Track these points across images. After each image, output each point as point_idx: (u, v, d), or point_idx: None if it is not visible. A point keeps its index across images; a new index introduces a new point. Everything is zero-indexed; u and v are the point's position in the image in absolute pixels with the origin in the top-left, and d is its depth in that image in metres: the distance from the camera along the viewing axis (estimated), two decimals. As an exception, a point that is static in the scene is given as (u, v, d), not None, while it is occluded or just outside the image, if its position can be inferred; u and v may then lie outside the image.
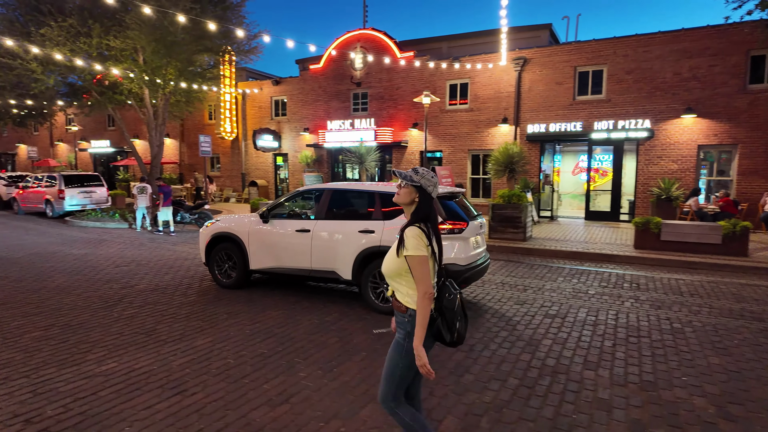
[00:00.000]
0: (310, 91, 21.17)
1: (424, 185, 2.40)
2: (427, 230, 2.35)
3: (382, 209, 5.78)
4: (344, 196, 6.28)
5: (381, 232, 5.64)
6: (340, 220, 6.03)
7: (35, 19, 13.82)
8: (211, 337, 4.79)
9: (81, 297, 6.24)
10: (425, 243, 2.31)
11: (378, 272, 5.71)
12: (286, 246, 6.28)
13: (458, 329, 2.40)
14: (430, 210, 2.41)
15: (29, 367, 4.02)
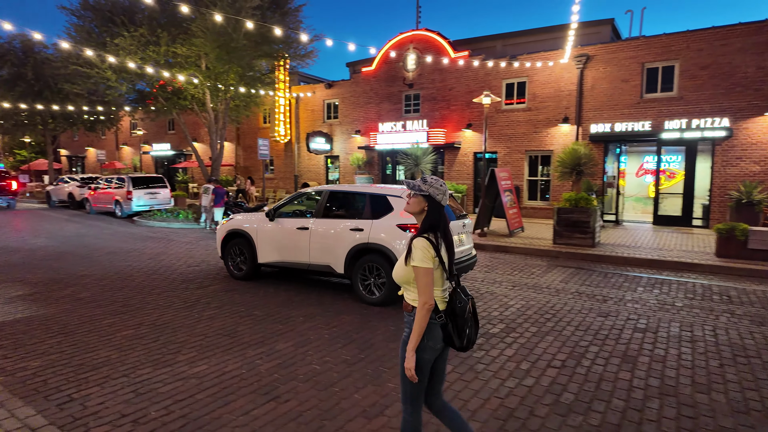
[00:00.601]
0: (362, 94, 21.27)
1: (433, 194, 2.43)
2: (435, 241, 2.39)
3: (372, 209, 6.30)
4: (339, 196, 6.90)
5: (369, 230, 6.14)
6: (334, 219, 6.61)
7: (109, 30, 14.64)
8: (292, 341, 4.79)
9: (161, 296, 6.46)
10: (431, 255, 2.35)
11: (367, 266, 6.19)
12: (288, 242, 6.87)
13: (468, 335, 2.45)
14: (440, 218, 2.44)
15: (126, 366, 4.15)
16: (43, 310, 5.73)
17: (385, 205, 6.23)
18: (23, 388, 3.69)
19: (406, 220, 5.91)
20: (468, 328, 2.45)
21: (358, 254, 6.26)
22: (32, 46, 24.14)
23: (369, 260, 6.16)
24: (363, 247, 6.17)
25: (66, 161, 38.97)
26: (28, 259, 9.03)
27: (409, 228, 5.88)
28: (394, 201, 6.19)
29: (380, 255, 6.07)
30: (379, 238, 6.05)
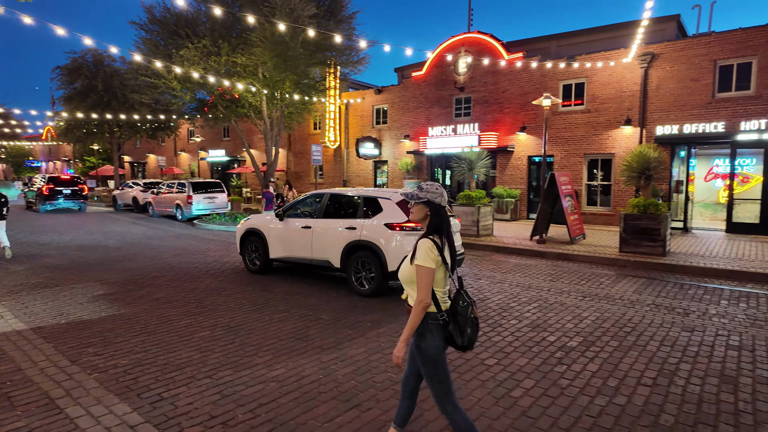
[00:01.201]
0: (411, 99, 21.24)
1: (431, 198, 2.57)
2: (440, 242, 2.52)
3: (364, 209, 6.97)
4: (337, 199, 7.58)
5: (361, 229, 6.80)
6: (332, 218, 7.30)
7: (174, 42, 15.39)
8: (364, 348, 4.76)
9: (231, 298, 6.63)
10: (435, 255, 2.47)
11: (359, 261, 6.83)
12: (294, 239, 7.66)
13: (469, 335, 2.56)
14: (442, 221, 2.57)
15: (208, 367, 4.25)
16: (124, 310, 6.02)
17: (375, 206, 6.88)
18: (117, 385, 3.85)
19: (394, 219, 6.53)
20: (470, 329, 2.56)
21: (352, 250, 6.91)
22: (102, 60, 25.84)
23: (361, 256, 6.81)
24: (356, 243, 6.83)
25: (129, 167, 41.37)
26: (103, 259, 9.57)
27: (395, 227, 6.47)
28: (383, 203, 6.82)
29: (370, 251, 6.71)
30: (369, 236, 6.70)
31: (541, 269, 9.02)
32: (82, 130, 27.85)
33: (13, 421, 3.28)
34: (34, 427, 3.20)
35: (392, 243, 6.47)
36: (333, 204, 7.55)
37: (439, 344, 2.52)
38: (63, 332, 5.15)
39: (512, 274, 8.51)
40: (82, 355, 4.50)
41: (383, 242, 6.53)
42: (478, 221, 12.33)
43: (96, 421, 3.29)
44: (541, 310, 6.23)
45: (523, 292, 7.20)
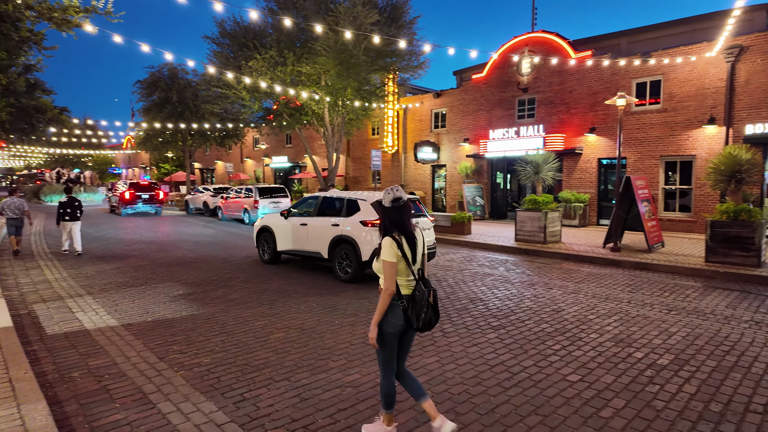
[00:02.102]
0: (471, 101, 20.90)
1: (383, 201, 3.00)
2: (398, 239, 2.92)
3: (347, 210, 8.17)
4: (327, 201, 8.77)
5: (343, 225, 8.07)
6: (323, 217, 8.57)
7: (244, 54, 16.15)
8: (437, 357, 4.66)
9: (301, 300, 6.77)
10: (395, 250, 2.89)
11: (342, 252, 8.05)
12: (294, 235, 9.06)
13: (424, 319, 2.95)
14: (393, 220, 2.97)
15: (285, 369, 4.33)
16: (203, 309, 6.31)
17: (355, 206, 8.10)
18: (202, 384, 4.02)
19: (368, 217, 7.64)
20: (424, 313, 2.94)
21: (336, 243, 8.17)
22: (177, 73, 27.67)
23: (343, 248, 8.05)
24: (338, 238, 8.11)
25: (199, 173, 43.93)
26: (181, 260, 10.14)
27: (368, 223, 7.54)
28: (361, 203, 8.03)
29: (349, 244, 7.92)
30: (348, 231, 7.97)
31: (617, 279, 8.48)
32: (158, 139, 29.94)
33: (113, 413, 3.50)
34: (132, 420, 3.39)
35: (365, 236, 7.65)
36: (325, 205, 8.77)
37: (396, 323, 2.95)
38: (150, 329, 5.48)
39: (586, 284, 8.06)
40: (169, 352, 4.74)
41: (357, 236, 7.77)
42: (545, 227, 11.84)
43: (186, 417, 3.43)
44: (622, 323, 5.83)
45: (600, 303, 6.79)
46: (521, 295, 7.21)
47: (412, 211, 3.06)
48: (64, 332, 5.37)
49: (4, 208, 10.47)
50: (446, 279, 8.38)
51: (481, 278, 8.48)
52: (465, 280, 8.33)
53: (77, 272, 8.88)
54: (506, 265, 9.84)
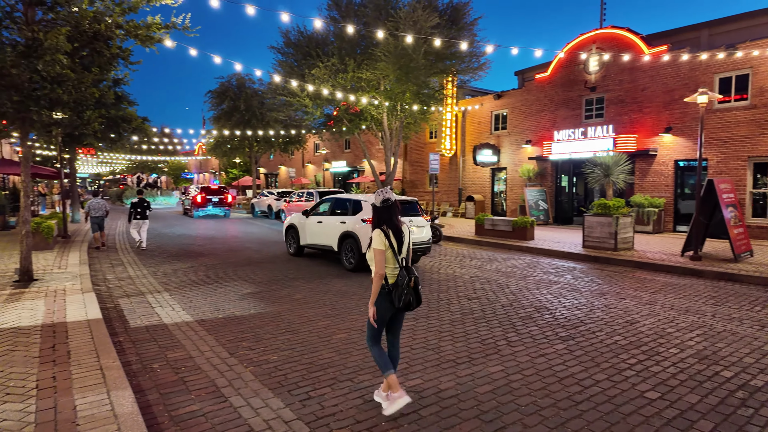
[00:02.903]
0: (534, 102, 20.23)
1: (374, 202, 3.64)
2: (386, 231, 3.51)
3: (353, 209, 9.54)
4: (338, 201, 10.21)
5: (349, 223, 9.43)
6: (334, 216, 10.00)
7: (307, 63, 16.69)
8: (501, 366, 4.52)
9: (361, 302, 6.84)
10: (383, 240, 3.47)
11: (348, 245, 9.38)
12: (313, 231, 10.59)
13: (404, 300, 3.46)
14: (383, 217, 3.56)
15: (348, 369, 4.39)
16: (270, 308, 6.55)
17: (359, 206, 9.40)
18: (270, 380, 4.16)
19: (368, 216, 8.53)
20: (405, 295, 3.46)
21: (343, 238, 9.53)
22: (244, 83, 29.11)
23: (348, 242, 9.37)
24: (345, 233, 9.46)
25: (264, 178, 45.91)
26: (248, 261, 10.62)
27: (368, 221, 8.41)
28: (364, 204, 9.31)
29: (352, 238, 9.19)
30: (352, 228, 9.26)
31: (698, 290, 7.82)
32: (227, 146, 31.63)
33: (190, 404, 3.71)
34: (207, 412, 3.57)
35: (364, 232, 8.84)
36: (336, 205, 10.18)
37: (381, 304, 3.51)
38: (221, 326, 5.76)
39: (663, 295, 7.50)
40: (238, 348, 4.96)
41: (358, 231, 9.04)
42: (615, 233, 11.17)
43: (255, 412, 3.56)
44: (706, 338, 5.36)
45: (680, 316, 6.28)
46: (591, 305, 6.84)
47: (399, 210, 3.64)
48: (145, 325, 5.79)
49: (91, 207, 12.26)
50: (509, 286, 8.14)
51: (546, 286, 8.15)
52: (529, 287, 8.05)
53: (156, 270, 9.55)
54: (573, 273, 9.39)
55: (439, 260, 10.91)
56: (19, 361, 4.18)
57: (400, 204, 8.83)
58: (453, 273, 9.29)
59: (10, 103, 6.99)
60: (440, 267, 9.97)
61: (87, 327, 5.21)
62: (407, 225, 3.68)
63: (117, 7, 7.59)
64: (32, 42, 6.68)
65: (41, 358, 4.27)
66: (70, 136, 12.31)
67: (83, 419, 3.15)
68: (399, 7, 15.35)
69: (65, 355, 4.34)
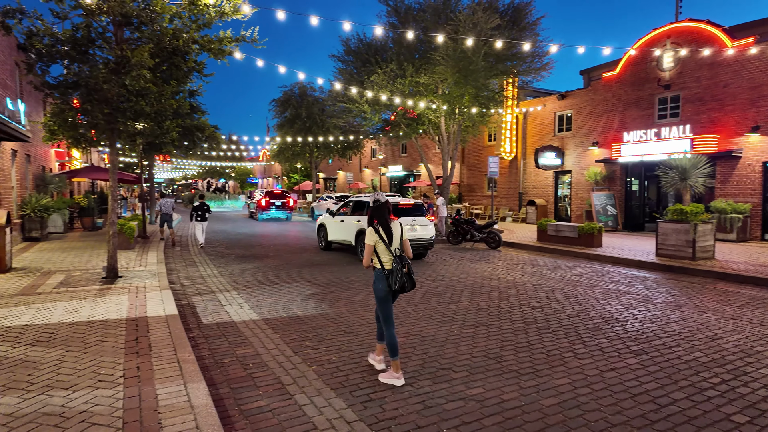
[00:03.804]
0: (601, 102, 19.27)
1: (371, 203, 4.38)
2: (376, 227, 4.21)
3: (367, 209, 10.51)
4: (357, 203, 12.02)
5: (363, 221, 10.89)
6: (353, 215, 11.76)
7: (366, 69, 16.97)
8: (568, 378, 4.33)
9: (419, 308, 6.84)
10: (372, 236, 4.20)
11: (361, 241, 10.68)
12: (336, 228, 12.43)
13: (399, 283, 4.12)
14: (375, 214, 4.28)
15: (408, 374, 4.39)
16: (330, 309, 6.71)
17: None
18: (332, 380, 4.26)
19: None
20: (399, 279, 4.10)
21: (358, 234, 11.26)
22: (306, 91, 30.12)
23: (361, 238, 10.81)
24: (360, 230, 11.16)
25: (323, 182, 47.18)
26: (309, 263, 10.95)
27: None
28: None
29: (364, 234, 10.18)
30: (364, 225, 10.35)
31: (794, 306, 7.06)
32: (289, 152, 32.86)
33: (257, 399, 3.88)
34: (273, 408, 3.72)
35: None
36: (356, 206, 11.96)
37: (382, 288, 4.21)
38: (286, 325, 5.98)
39: (750, 310, 6.85)
40: (302, 347, 5.13)
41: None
42: (694, 241, 10.35)
43: (319, 411, 3.66)
44: (805, 360, 4.82)
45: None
46: (666, 318, 6.39)
47: (389, 210, 4.32)
48: (216, 322, 6.13)
49: (160, 206, 14.55)
50: (574, 295, 7.79)
51: (615, 296, 7.72)
52: (597, 297, 7.65)
53: (225, 270, 10.09)
54: (645, 283, 8.82)
55: (498, 267, 10.65)
56: (108, 351, 4.58)
57: (408, 206, 11.38)
58: (514, 280, 9.03)
59: (101, 115, 7.71)
60: (500, 274, 9.73)
61: (165, 322, 5.60)
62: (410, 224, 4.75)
63: (193, 24, 8.15)
64: (121, 59, 7.33)
65: (126, 349, 4.65)
66: (150, 144, 13.35)
67: (164, 408, 3.39)
68: (458, 10, 15.22)
69: (147, 347, 4.70)
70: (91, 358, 4.40)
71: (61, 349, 4.63)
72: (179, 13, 8.04)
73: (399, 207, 11.31)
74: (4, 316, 5.75)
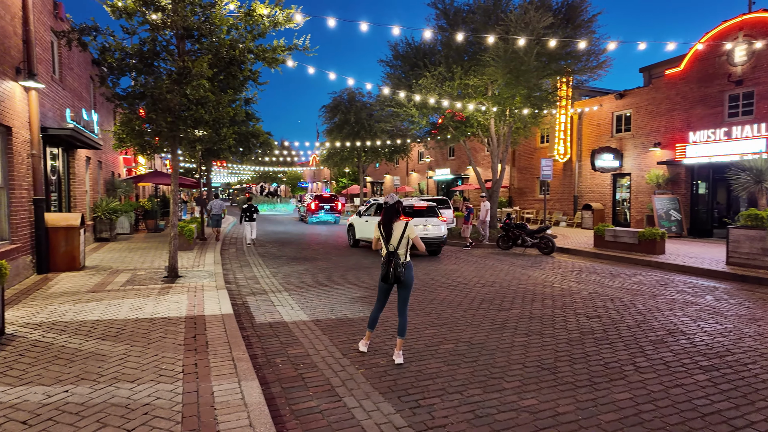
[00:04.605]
0: (664, 100, 18.19)
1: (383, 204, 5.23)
2: (379, 225, 4.93)
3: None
4: (378, 205, 13.41)
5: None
6: (376, 216, 12.87)
7: (414, 73, 16.97)
8: (629, 394, 4.08)
9: (468, 314, 6.71)
10: (377, 231, 4.96)
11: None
12: (362, 228, 13.87)
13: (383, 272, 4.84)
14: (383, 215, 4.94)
15: (457, 382, 4.31)
16: (378, 313, 6.71)
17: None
18: (380, 384, 4.25)
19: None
20: (384, 270, 4.80)
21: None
22: (354, 96, 30.55)
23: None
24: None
25: (370, 186, 47.60)
26: (357, 266, 11.05)
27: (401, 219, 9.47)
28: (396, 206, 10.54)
29: None
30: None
31: None
32: (337, 157, 33.43)
33: (308, 400, 3.94)
34: (323, 409, 3.76)
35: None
36: (377, 207, 13.46)
37: (381, 273, 4.87)
38: (334, 326, 6.05)
39: (841, 326, 6.18)
40: (350, 350, 5.16)
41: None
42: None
43: (367, 415, 3.66)
44: None
45: None
46: (739, 332, 5.89)
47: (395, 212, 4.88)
48: (268, 322, 6.31)
49: (212, 206, 16.11)
50: (635, 305, 7.36)
51: (681, 307, 7.22)
52: (660, 307, 7.19)
53: (277, 271, 10.38)
54: (715, 294, 8.19)
55: (552, 273, 10.27)
56: (169, 347, 4.82)
57: (422, 208, 12.54)
58: (569, 288, 8.67)
59: (164, 123, 8.17)
60: (554, 281, 9.38)
61: (221, 320, 5.83)
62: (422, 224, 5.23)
63: (249, 34, 8.48)
64: (182, 70, 7.74)
65: (185, 346, 4.87)
66: (208, 150, 14.03)
67: (219, 404, 3.51)
68: (509, 10, 14.90)
69: (204, 344, 4.90)
70: (153, 353, 4.64)
71: (127, 343, 4.92)
72: (236, 24, 8.39)
73: (414, 209, 12.56)
74: (78, 311, 6.20)
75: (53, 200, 10.81)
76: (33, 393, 3.69)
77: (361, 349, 5.05)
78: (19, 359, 4.44)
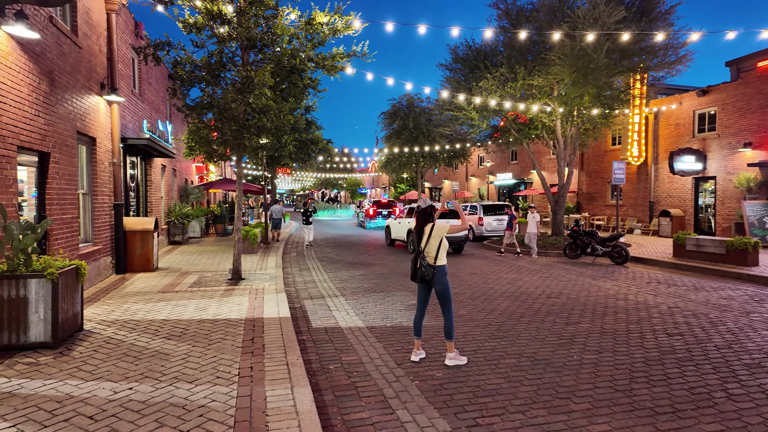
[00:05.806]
0: (755, 96, 16.42)
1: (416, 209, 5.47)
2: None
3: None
4: (411, 209, 15.65)
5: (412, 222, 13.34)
6: (407, 218, 15.36)
7: (474, 76, 16.57)
8: (721, 425, 3.58)
9: (531, 326, 6.31)
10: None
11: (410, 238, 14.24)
12: (395, 228, 16.37)
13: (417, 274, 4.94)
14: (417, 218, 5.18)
15: (519, 400, 4.00)
16: (433, 322, 6.50)
17: None
18: (435, 398, 4.04)
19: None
20: (412, 268, 5.03)
21: (408, 233, 14.63)
22: (413, 102, 30.47)
23: (410, 236, 14.05)
24: (408, 230, 14.43)
25: (428, 192, 47.23)
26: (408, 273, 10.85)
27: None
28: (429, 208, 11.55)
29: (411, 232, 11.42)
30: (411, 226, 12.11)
31: None
32: (396, 162, 33.47)
33: (360, 411, 3.82)
34: (375, 422, 3.62)
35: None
36: (410, 211, 15.50)
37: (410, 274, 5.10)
38: (389, 334, 5.92)
39: None
40: (405, 359, 5.00)
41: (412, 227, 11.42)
42: None
43: (421, 431, 3.47)
44: None
45: None
46: None
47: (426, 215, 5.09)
48: (324, 327, 6.30)
49: (273, 211, 17.37)
50: (724, 322, 6.58)
51: (781, 326, 6.35)
52: (754, 326, 6.37)
53: (334, 276, 10.45)
54: (824, 313, 7.14)
55: (626, 285, 9.50)
56: (227, 349, 4.91)
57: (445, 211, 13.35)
58: (645, 301, 7.95)
59: (230, 131, 8.51)
60: (628, 293, 8.65)
61: (278, 324, 5.89)
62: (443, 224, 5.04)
63: (309, 43, 8.64)
64: (246, 80, 8.02)
65: (243, 348, 4.95)
66: (271, 157, 14.54)
67: (271, 411, 3.48)
68: (576, 6, 14.13)
69: (261, 348, 4.95)
70: (213, 354, 4.75)
71: (189, 343, 5.09)
72: (297, 34, 8.59)
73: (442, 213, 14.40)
74: (149, 311, 6.54)
75: (131, 205, 11.64)
76: (102, 389, 3.87)
77: (413, 359, 4.96)
78: (93, 355, 4.71)
